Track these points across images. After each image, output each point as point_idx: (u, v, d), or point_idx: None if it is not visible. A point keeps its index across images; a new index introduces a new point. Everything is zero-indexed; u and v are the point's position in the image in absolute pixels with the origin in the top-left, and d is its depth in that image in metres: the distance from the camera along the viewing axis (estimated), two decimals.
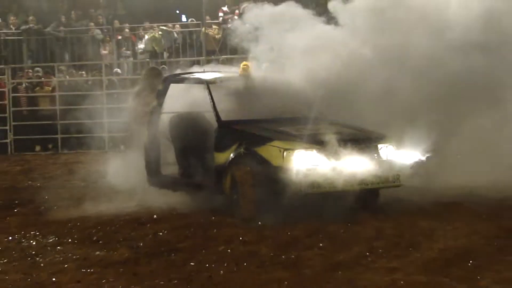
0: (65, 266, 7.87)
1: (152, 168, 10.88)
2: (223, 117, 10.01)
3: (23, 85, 19.99)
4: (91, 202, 10.91)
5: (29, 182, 14.26)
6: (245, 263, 7.66)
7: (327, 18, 11.30)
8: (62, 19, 21.62)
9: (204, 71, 11.17)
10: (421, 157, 9.55)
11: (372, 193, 9.72)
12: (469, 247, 7.92)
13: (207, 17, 20.53)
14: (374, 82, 10.55)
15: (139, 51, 21.00)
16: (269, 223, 9.03)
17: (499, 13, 11.13)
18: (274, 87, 10.13)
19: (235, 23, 11.67)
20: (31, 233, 9.47)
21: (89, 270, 7.65)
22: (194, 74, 11.18)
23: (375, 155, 9.49)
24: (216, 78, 10.63)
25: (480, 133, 10.74)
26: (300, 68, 10.43)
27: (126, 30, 21.30)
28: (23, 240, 9.13)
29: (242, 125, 9.92)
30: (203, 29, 20.31)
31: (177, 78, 11.21)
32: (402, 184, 9.49)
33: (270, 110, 10.11)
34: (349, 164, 9.15)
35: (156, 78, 11.73)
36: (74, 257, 8.21)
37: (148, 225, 9.50)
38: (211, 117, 10.22)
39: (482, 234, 8.38)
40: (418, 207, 9.58)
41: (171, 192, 10.73)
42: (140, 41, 21.06)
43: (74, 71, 20.37)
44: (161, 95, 10.94)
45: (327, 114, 10.14)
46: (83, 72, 20.39)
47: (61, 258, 8.19)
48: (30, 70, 20.51)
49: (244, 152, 9.47)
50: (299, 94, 10.14)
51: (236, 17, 19.72)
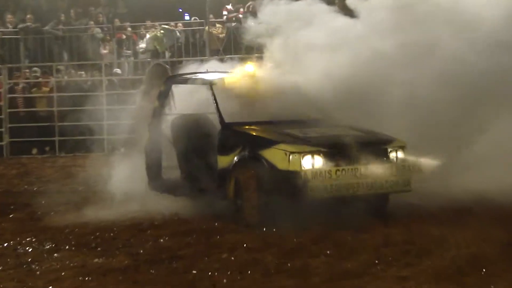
0: (62, 274, 7.80)
1: (153, 171, 10.87)
2: (227, 119, 9.98)
3: (20, 86, 19.86)
4: (90, 207, 10.87)
5: (25, 186, 14.21)
6: (249, 271, 7.59)
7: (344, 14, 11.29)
8: (61, 17, 21.55)
9: (207, 71, 11.00)
10: (433, 161, 9.46)
11: (381, 198, 9.67)
12: (481, 255, 7.84)
13: (211, 15, 20.52)
14: (387, 83, 10.51)
15: (140, 50, 20.96)
16: (274, 230, 9.00)
17: None
18: (280, 88, 10.09)
19: (248, 21, 11.55)
20: (27, 239, 9.41)
21: (87, 278, 7.59)
22: (197, 74, 11.16)
23: (385, 158, 9.48)
24: (219, 78, 10.57)
25: (499, 137, 10.63)
26: (310, 68, 10.39)
27: (128, 29, 21.17)
28: (18, 247, 9.07)
29: (247, 127, 9.91)
30: (207, 28, 20.25)
31: (179, 79, 11.21)
32: (412, 189, 9.47)
33: (276, 112, 10.05)
34: (357, 168, 9.15)
35: (163, 76, 11.54)
36: (72, 264, 8.14)
37: (149, 231, 9.47)
38: (214, 118, 10.20)
39: (495, 241, 8.34)
40: (428, 213, 9.55)
41: (173, 197, 10.68)
42: (141, 40, 20.99)
43: (73, 71, 20.22)
44: (163, 96, 10.91)
45: (335, 116, 10.10)
46: (82, 72, 20.24)
47: (58, 266, 8.11)
48: (27, 70, 20.48)
49: (248, 156, 9.47)
50: (306, 95, 10.08)
51: (240, 15, 19.64)
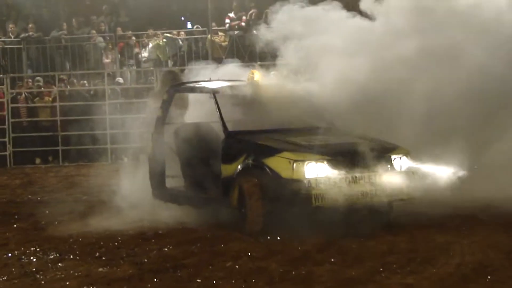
0: (67, 283, 7.75)
1: (157, 180, 10.79)
2: (230, 128, 9.97)
3: (23, 95, 19.81)
4: (94, 216, 10.84)
5: (29, 196, 14.16)
6: (253, 280, 7.56)
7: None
8: (64, 26, 21.48)
9: (210, 80, 10.94)
10: (439, 169, 9.43)
11: (385, 206, 9.58)
12: (486, 262, 7.84)
13: (213, 23, 20.46)
14: (394, 91, 10.43)
15: (143, 59, 20.91)
16: (278, 238, 8.99)
17: None
18: (283, 96, 10.05)
19: (261, 28, 11.58)
20: (31, 249, 9.36)
21: (91, 287, 7.55)
22: (200, 83, 11.09)
23: (389, 166, 9.42)
24: (222, 87, 10.53)
25: (506, 144, 10.61)
26: (323, 75, 10.35)
27: (133, 38, 21.14)
28: (23, 257, 9.02)
29: (250, 135, 9.89)
30: (209, 36, 20.18)
31: (182, 88, 11.12)
32: (416, 196, 9.39)
33: (279, 120, 10.02)
34: (362, 175, 9.11)
35: (174, 82, 11.49)
36: (76, 274, 8.10)
37: (153, 240, 9.44)
38: (218, 127, 10.16)
39: (500, 248, 8.37)
40: (433, 220, 9.55)
41: (177, 206, 10.64)
42: (143, 49, 20.95)
43: (76, 80, 20.19)
44: (166, 105, 10.83)
45: (339, 124, 10.08)
46: (85, 81, 20.22)
47: (63, 275, 8.07)
48: (30, 80, 20.41)
49: (252, 164, 9.43)
50: (311, 103, 10.05)
51: (243, 23, 19.61)
